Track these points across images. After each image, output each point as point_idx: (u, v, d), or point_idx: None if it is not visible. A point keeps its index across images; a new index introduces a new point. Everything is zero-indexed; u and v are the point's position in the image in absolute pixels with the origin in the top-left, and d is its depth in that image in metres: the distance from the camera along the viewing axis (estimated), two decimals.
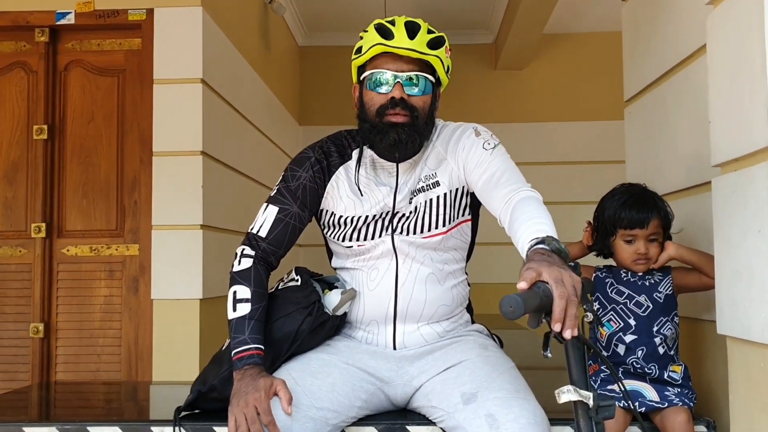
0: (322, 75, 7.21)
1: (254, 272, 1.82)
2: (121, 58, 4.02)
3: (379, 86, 1.81)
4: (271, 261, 1.89)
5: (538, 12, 5.89)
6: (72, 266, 3.92)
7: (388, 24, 1.81)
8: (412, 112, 1.80)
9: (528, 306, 1.23)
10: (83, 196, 3.95)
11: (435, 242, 1.86)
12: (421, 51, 1.78)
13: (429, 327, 1.87)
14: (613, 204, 2.16)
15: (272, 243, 1.87)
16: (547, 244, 1.44)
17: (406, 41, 1.77)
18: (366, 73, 1.85)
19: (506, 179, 1.77)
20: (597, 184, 6.61)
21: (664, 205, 2.13)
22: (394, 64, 1.80)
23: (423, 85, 1.82)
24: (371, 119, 1.83)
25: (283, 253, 1.91)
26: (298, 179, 1.90)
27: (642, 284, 2.12)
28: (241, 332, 1.74)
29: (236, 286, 1.80)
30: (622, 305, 2.12)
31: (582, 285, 1.33)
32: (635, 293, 2.11)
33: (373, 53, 1.81)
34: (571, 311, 1.26)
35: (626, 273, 2.14)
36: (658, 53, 2.47)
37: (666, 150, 2.42)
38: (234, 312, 1.77)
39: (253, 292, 1.79)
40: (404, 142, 1.80)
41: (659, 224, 2.10)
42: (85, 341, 3.87)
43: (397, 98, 1.79)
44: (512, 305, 1.21)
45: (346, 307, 1.86)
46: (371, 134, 1.84)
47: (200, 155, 3.85)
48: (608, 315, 2.12)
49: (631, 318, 2.10)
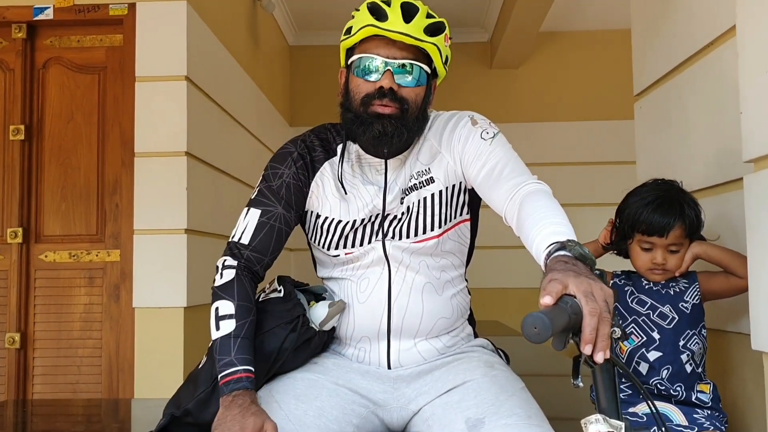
0: (313, 75, 7.05)
1: (237, 284, 1.62)
2: (102, 54, 3.83)
3: (368, 73, 1.62)
4: (256, 270, 1.69)
5: (534, 10, 5.74)
6: (50, 273, 3.72)
7: (382, 3, 1.61)
8: (401, 104, 1.61)
9: (556, 326, 1.03)
10: (62, 200, 3.75)
11: (430, 246, 1.67)
12: (417, 37, 1.59)
13: (427, 343, 1.67)
14: (635, 202, 1.94)
15: (256, 250, 1.67)
16: (569, 250, 1.25)
17: (401, 24, 1.58)
18: (354, 57, 1.65)
19: (509, 171, 1.58)
20: (595, 185, 6.58)
21: (692, 211, 1.90)
22: (386, 50, 1.61)
23: (416, 75, 1.63)
24: (355, 108, 1.64)
25: (270, 262, 1.71)
26: (280, 177, 1.71)
27: (666, 293, 1.92)
28: (227, 353, 1.54)
29: (218, 301, 1.60)
30: (644, 317, 1.92)
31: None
32: (659, 303, 1.91)
33: (363, 35, 1.62)
34: (604, 330, 1.07)
35: (648, 281, 1.96)
36: (671, 43, 2.29)
37: (682, 146, 2.24)
38: (218, 331, 1.57)
39: (238, 307, 1.59)
40: (390, 135, 1.61)
41: (682, 234, 1.88)
42: (63, 352, 3.67)
43: (385, 88, 1.59)
44: (537, 326, 1.02)
45: (334, 321, 1.66)
46: (353, 125, 1.65)
47: (184, 156, 3.66)
48: (629, 328, 1.92)
49: (654, 331, 1.90)
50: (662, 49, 2.37)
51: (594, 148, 6.81)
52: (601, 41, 6.90)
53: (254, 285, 1.68)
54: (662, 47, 2.37)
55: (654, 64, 2.43)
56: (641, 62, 2.57)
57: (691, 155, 2.18)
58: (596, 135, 6.82)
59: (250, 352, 1.56)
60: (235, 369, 1.51)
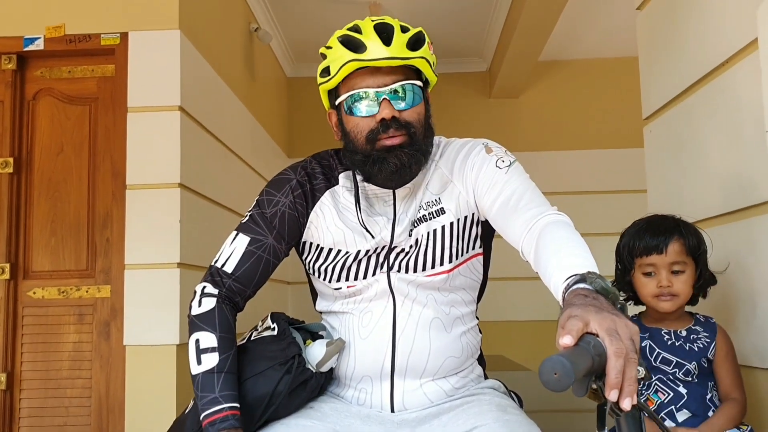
0: (311, 106, 6.97)
1: (219, 314, 1.50)
2: (94, 85, 3.74)
3: (362, 110, 1.52)
4: (237, 301, 1.57)
5: (533, 39, 5.69)
6: (38, 310, 3.59)
7: (353, 33, 1.51)
8: (408, 129, 1.51)
9: (578, 370, 0.90)
10: (51, 234, 3.64)
11: (440, 281, 1.55)
12: (402, 57, 1.48)
13: (434, 384, 1.54)
14: (629, 232, 1.88)
15: (240, 280, 1.56)
16: (590, 283, 1.12)
17: (382, 49, 1.47)
18: (342, 97, 1.54)
19: (527, 202, 1.46)
20: (598, 215, 6.46)
21: (691, 229, 1.82)
22: (373, 79, 1.50)
23: (412, 96, 1.52)
24: (362, 149, 1.53)
25: (252, 293, 1.59)
26: (275, 205, 1.60)
27: (691, 349, 1.79)
28: (210, 390, 1.42)
29: (198, 333, 1.48)
30: (670, 375, 1.79)
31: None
32: (685, 360, 1.79)
33: (347, 72, 1.51)
34: (630, 373, 0.94)
35: (668, 333, 1.82)
36: (682, 63, 2.20)
37: (696, 170, 2.13)
38: (199, 365, 1.45)
39: (220, 339, 1.46)
40: (407, 166, 1.51)
41: (684, 250, 1.78)
42: (51, 392, 3.53)
43: (387, 119, 1.49)
44: (558, 371, 0.88)
45: (332, 361, 1.54)
46: (365, 166, 1.54)
47: (178, 188, 3.55)
48: (652, 386, 1.80)
49: (680, 386, 1.78)
50: (673, 69, 2.27)
51: (596, 177, 6.72)
52: (600, 69, 6.85)
53: (234, 315, 1.56)
54: (673, 68, 2.27)
55: (664, 85, 2.33)
56: (650, 84, 2.46)
57: (706, 179, 2.07)
58: (598, 164, 6.74)
59: (235, 388, 1.44)
60: (220, 407, 1.39)
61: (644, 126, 2.50)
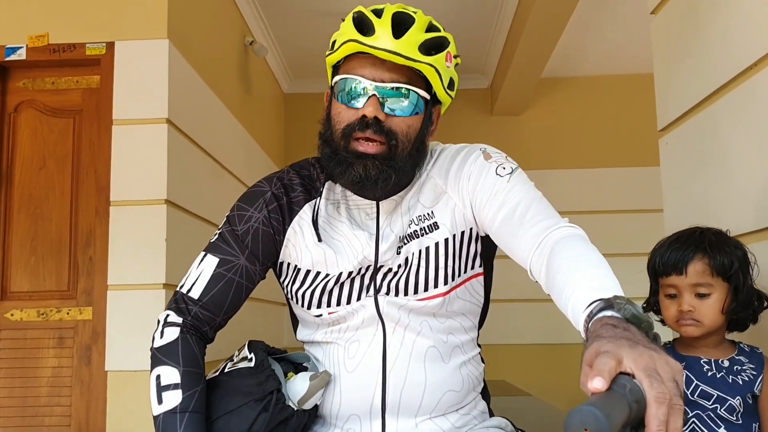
0: (308, 122, 6.82)
1: (183, 346, 1.32)
2: (78, 97, 3.58)
3: (351, 98, 1.33)
4: (205, 331, 1.39)
5: (535, 56, 5.56)
6: (16, 333, 3.40)
7: (370, 14, 1.33)
8: (388, 138, 1.32)
9: (615, 423, 0.70)
10: (31, 253, 3.46)
11: (435, 306, 1.37)
12: (408, 56, 1.30)
13: (432, 423, 1.35)
14: (658, 246, 1.70)
15: (207, 308, 1.38)
16: (618, 309, 0.93)
17: (389, 40, 1.29)
18: (337, 78, 1.37)
19: (534, 214, 1.29)
20: (602, 235, 6.28)
21: (723, 245, 1.60)
22: (372, 71, 1.33)
23: (407, 104, 1.33)
24: (335, 142, 1.36)
25: (222, 322, 1.41)
26: (247, 221, 1.42)
27: (734, 382, 1.57)
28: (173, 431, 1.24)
29: (159, 368, 1.31)
30: (710, 411, 1.58)
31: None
32: (727, 395, 1.56)
33: (346, 52, 1.34)
34: (675, 423, 0.75)
35: (708, 363, 1.61)
36: (703, 68, 2.02)
37: (721, 184, 1.95)
38: (160, 405, 1.28)
39: (184, 374, 1.29)
40: (373, 180, 1.32)
41: (707, 271, 1.57)
42: (28, 420, 3.33)
43: (369, 117, 1.30)
44: (591, 425, 0.68)
45: (317, 397, 1.34)
46: (330, 162, 1.36)
47: (164, 204, 3.38)
48: (689, 424, 1.58)
49: (721, 427, 1.56)
50: (692, 76, 2.10)
51: (600, 196, 6.56)
52: (603, 87, 6.72)
53: (202, 346, 1.38)
54: (692, 74, 2.10)
55: (682, 93, 2.16)
56: (666, 93, 2.29)
57: (733, 194, 1.89)
58: (602, 182, 6.58)
59: (202, 427, 1.26)
60: None
61: (660, 138, 2.32)
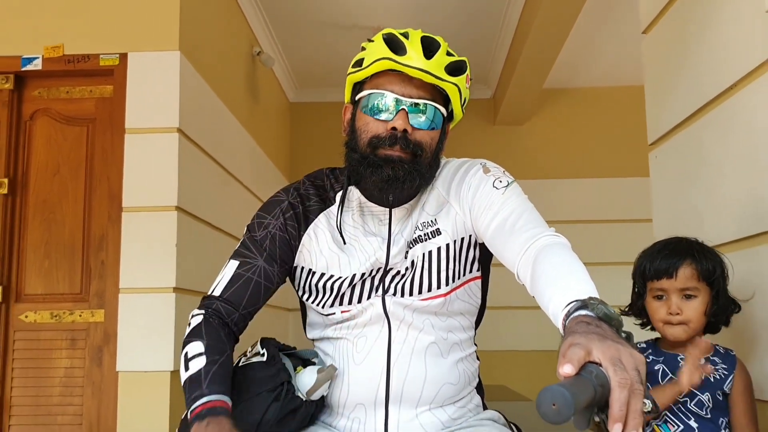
0: (313, 132, 6.96)
1: (206, 326, 1.43)
2: (92, 106, 3.70)
3: (379, 112, 1.46)
4: (227, 322, 1.50)
5: (537, 67, 5.68)
6: (30, 334, 3.51)
7: (400, 36, 1.46)
8: (415, 150, 1.45)
9: (579, 401, 0.83)
10: (45, 256, 3.57)
11: (436, 305, 1.49)
12: (438, 75, 1.43)
13: (431, 414, 1.47)
14: (644, 254, 1.84)
15: (227, 301, 1.49)
16: (592, 309, 1.06)
17: (421, 60, 1.42)
18: (364, 93, 1.49)
19: (523, 224, 1.40)
20: (602, 243, 6.41)
21: (707, 253, 1.76)
22: (401, 87, 1.45)
23: (431, 117, 1.47)
24: (362, 149, 1.47)
25: (243, 317, 1.52)
26: (265, 228, 1.54)
27: (706, 379, 1.71)
28: (197, 386, 1.32)
29: (187, 347, 1.41)
30: (680, 404, 1.72)
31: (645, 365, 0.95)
32: (698, 391, 1.71)
33: (377, 69, 1.46)
34: (635, 405, 0.87)
35: (684, 360, 1.76)
36: (690, 86, 2.14)
37: (706, 196, 2.06)
38: (186, 371, 1.36)
39: (207, 345, 1.39)
40: (401, 181, 1.44)
41: (695, 275, 1.72)
42: (41, 419, 3.44)
43: (398, 129, 1.43)
44: (557, 402, 0.81)
45: (323, 389, 1.46)
46: (360, 166, 1.48)
47: (175, 210, 3.49)
48: (662, 416, 1.72)
49: (692, 419, 1.71)
50: (680, 93, 2.21)
51: (601, 206, 6.69)
52: (605, 98, 6.85)
53: (227, 331, 1.48)
54: (680, 91, 2.21)
55: (671, 109, 2.27)
56: (656, 108, 2.40)
57: (716, 206, 2.00)
58: (603, 192, 6.72)
59: (225, 383, 1.34)
60: (206, 399, 1.30)
61: (650, 152, 2.44)
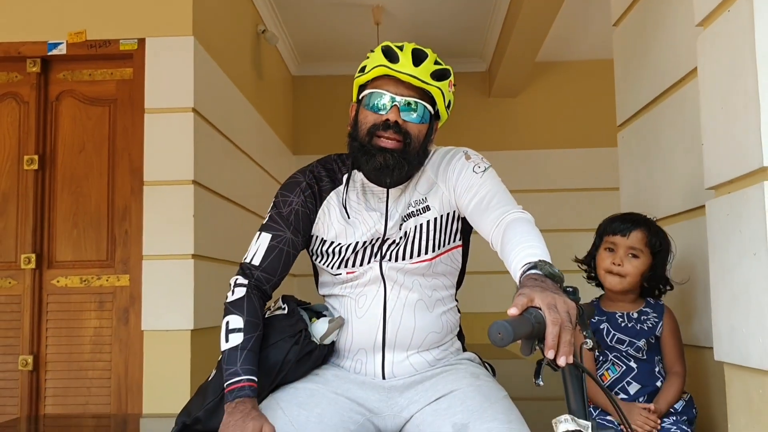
0: (315, 104, 7.20)
1: (247, 301, 1.76)
2: (113, 87, 4.01)
3: (377, 108, 1.78)
4: (265, 289, 1.83)
5: (530, 41, 5.92)
6: (62, 297, 3.87)
7: (395, 48, 1.79)
8: (405, 137, 1.77)
9: (518, 333, 1.17)
10: (73, 226, 3.91)
11: (423, 267, 1.82)
12: (423, 80, 1.75)
13: (419, 356, 1.81)
14: (608, 218, 2.21)
15: (266, 271, 1.82)
16: (540, 269, 1.40)
17: (410, 67, 1.75)
18: (365, 92, 1.82)
19: (496, 202, 1.73)
20: (591, 211, 6.69)
21: (659, 232, 2.12)
22: (395, 88, 1.77)
23: (420, 113, 1.79)
24: (361, 138, 1.80)
25: (278, 281, 1.86)
26: (289, 205, 1.86)
27: (641, 328, 2.09)
28: (233, 363, 1.67)
29: (229, 316, 1.74)
30: (624, 351, 2.09)
31: (580, 310, 1.29)
32: (635, 338, 2.09)
33: (375, 74, 1.78)
34: (565, 337, 1.20)
35: (622, 316, 2.11)
36: (650, 76, 2.45)
37: (661, 174, 2.39)
38: (226, 343, 1.71)
39: (246, 322, 1.73)
40: (391, 168, 1.76)
41: (644, 239, 2.09)
42: (74, 374, 3.81)
43: (391, 120, 1.75)
44: (501, 332, 1.15)
45: (333, 335, 1.81)
46: (359, 154, 1.80)
47: (191, 184, 3.83)
48: (609, 361, 2.10)
49: (631, 361, 2.08)
50: (641, 83, 2.52)
51: (591, 175, 6.94)
52: (597, 70, 7.05)
53: (263, 303, 1.82)
54: (641, 81, 2.52)
55: (634, 96, 2.59)
56: (623, 94, 2.72)
57: (668, 183, 2.33)
58: (593, 162, 6.95)
59: (254, 363, 1.69)
60: (239, 378, 1.65)
61: (617, 132, 2.77)
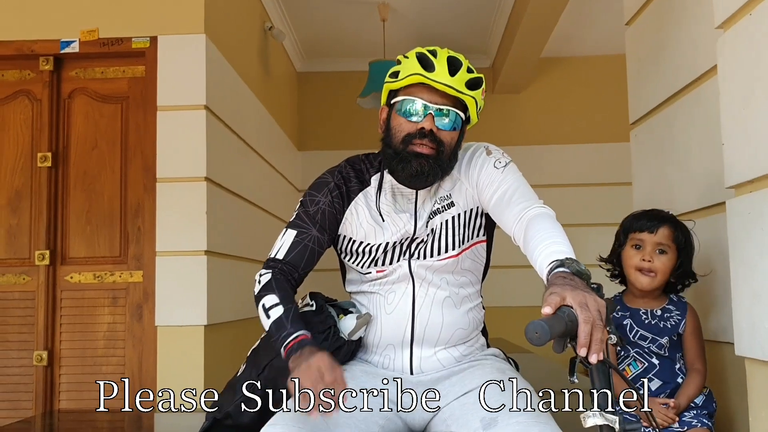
0: (320, 100, 7.22)
1: (275, 282, 1.79)
2: (125, 85, 4.03)
3: (411, 115, 1.80)
4: (289, 279, 1.85)
5: (535, 36, 5.91)
6: (75, 293, 3.90)
7: (429, 55, 1.80)
8: (438, 145, 1.79)
9: (554, 331, 1.22)
10: (87, 223, 3.94)
11: (450, 264, 1.85)
12: (459, 89, 1.77)
13: (446, 351, 1.85)
14: (631, 215, 2.23)
15: (289, 264, 1.85)
16: (568, 267, 1.44)
17: (446, 77, 1.76)
18: (398, 99, 1.83)
19: (518, 197, 1.77)
20: (596, 206, 6.75)
21: (683, 228, 2.15)
22: (429, 95, 1.79)
23: (453, 120, 1.80)
24: (395, 146, 1.82)
25: (301, 276, 1.88)
26: (316, 204, 1.89)
27: (664, 326, 2.13)
28: (283, 328, 1.68)
29: (263, 299, 1.76)
30: (646, 348, 2.13)
31: (606, 307, 1.33)
32: (658, 336, 2.12)
33: (410, 82, 1.80)
34: (597, 335, 1.25)
35: (645, 313, 2.14)
36: (665, 75, 2.48)
37: (676, 171, 2.43)
38: (268, 319, 1.72)
39: (281, 296, 1.75)
40: (426, 174, 1.79)
41: (671, 236, 2.11)
42: (88, 369, 3.84)
43: (426, 129, 1.77)
44: (538, 331, 1.20)
45: (361, 331, 1.85)
46: (393, 161, 1.83)
47: (204, 181, 3.85)
48: (631, 357, 2.14)
49: (653, 357, 2.12)
50: (656, 81, 2.56)
51: (596, 170, 6.96)
52: (600, 66, 7.06)
53: (292, 284, 1.84)
54: (656, 80, 2.56)
55: (648, 94, 2.62)
56: (636, 93, 2.76)
57: (684, 179, 2.37)
58: (596, 157, 6.98)
59: (303, 320, 1.71)
60: (296, 335, 1.65)
61: (630, 131, 2.80)
